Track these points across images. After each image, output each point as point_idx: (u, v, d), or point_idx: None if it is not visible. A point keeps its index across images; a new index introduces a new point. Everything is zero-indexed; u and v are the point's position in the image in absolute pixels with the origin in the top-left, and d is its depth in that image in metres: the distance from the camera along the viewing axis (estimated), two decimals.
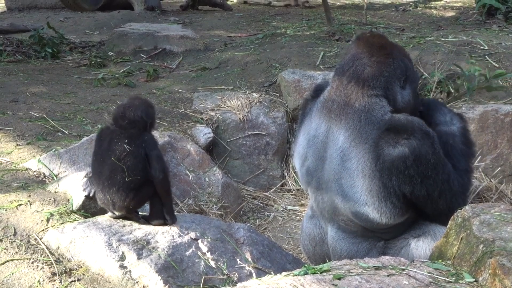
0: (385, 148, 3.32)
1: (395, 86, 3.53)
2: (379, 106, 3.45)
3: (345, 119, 3.47)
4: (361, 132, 3.41)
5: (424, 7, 10.96)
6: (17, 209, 3.42)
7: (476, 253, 2.57)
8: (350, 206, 3.48)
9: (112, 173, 3.19)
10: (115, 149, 3.19)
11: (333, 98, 3.56)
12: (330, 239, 3.74)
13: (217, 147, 5.61)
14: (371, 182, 3.38)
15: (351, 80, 3.50)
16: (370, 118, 3.42)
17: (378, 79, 3.47)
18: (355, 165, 3.42)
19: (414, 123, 3.38)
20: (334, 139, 3.52)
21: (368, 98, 3.45)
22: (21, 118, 4.93)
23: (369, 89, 3.46)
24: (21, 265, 2.99)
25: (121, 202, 3.21)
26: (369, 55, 3.52)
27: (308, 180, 3.74)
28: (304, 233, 4.00)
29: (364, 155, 3.39)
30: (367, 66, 3.49)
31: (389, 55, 3.54)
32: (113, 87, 6.31)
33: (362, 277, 2.46)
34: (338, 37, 7.35)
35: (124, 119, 3.27)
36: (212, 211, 4.72)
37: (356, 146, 3.42)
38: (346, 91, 3.50)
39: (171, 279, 2.99)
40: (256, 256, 3.32)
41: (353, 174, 3.43)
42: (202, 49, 7.70)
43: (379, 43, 3.60)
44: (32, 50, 7.74)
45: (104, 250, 3.03)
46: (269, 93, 6.05)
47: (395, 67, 3.52)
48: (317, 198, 3.72)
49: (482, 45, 6.34)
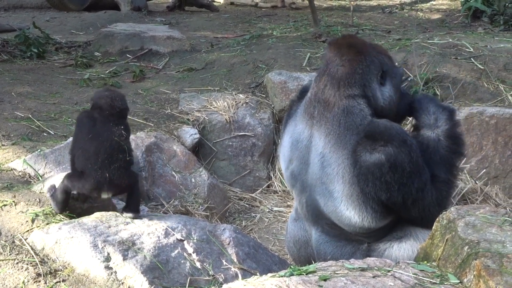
0: (362, 154, 3.33)
1: (372, 83, 3.53)
2: (358, 110, 3.45)
3: (325, 124, 3.48)
4: (340, 137, 3.42)
5: (410, 9, 11.00)
6: (2, 209, 3.40)
7: (461, 254, 2.58)
8: (332, 210, 3.49)
9: (113, 152, 3.37)
10: (114, 132, 3.41)
11: (314, 104, 3.57)
12: (314, 242, 3.75)
13: (203, 148, 5.60)
14: (351, 188, 3.39)
15: (327, 83, 3.52)
16: (349, 123, 3.42)
17: (353, 76, 3.48)
18: (335, 170, 3.43)
19: (392, 130, 3.37)
20: (316, 144, 3.54)
21: (346, 100, 3.45)
22: (6, 118, 4.91)
23: (345, 89, 3.47)
24: (6, 266, 2.98)
25: (120, 179, 3.35)
26: (340, 55, 3.53)
27: (292, 183, 3.76)
28: (289, 235, 4.00)
29: (343, 160, 3.40)
30: (340, 66, 3.51)
31: (359, 52, 3.55)
32: (99, 87, 6.28)
33: (347, 278, 2.46)
34: (325, 39, 7.36)
35: (115, 108, 3.48)
36: (198, 212, 4.71)
37: (335, 152, 3.43)
38: (325, 96, 3.51)
39: (156, 280, 2.98)
40: (242, 257, 3.33)
41: (333, 179, 3.44)
42: (189, 50, 7.69)
43: (348, 43, 3.62)
44: (17, 50, 7.70)
45: (89, 251, 3.02)
46: (256, 94, 6.05)
47: (368, 63, 3.53)
48: (301, 201, 3.73)
49: (468, 48, 6.37)
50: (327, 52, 3.65)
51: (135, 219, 3.40)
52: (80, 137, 3.46)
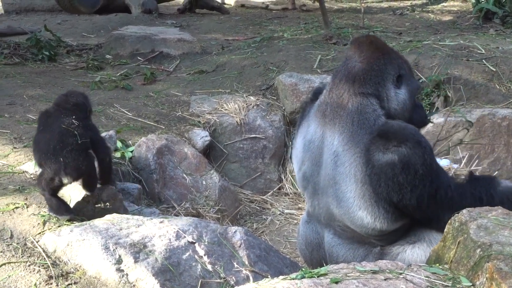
0: (375, 153, 3.28)
1: (388, 82, 3.50)
2: (371, 109, 3.42)
3: (339, 122, 3.44)
4: (354, 135, 3.38)
5: (421, 11, 10.98)
6: (14, 212, 3.41)
7: (473, 257, 2.57)
8: (345, 211, 3.46)
9: (63, 137, 3.42)
10: (63, 121, 3.49)
11: (327, 102, 3.54)
12: (326, 244, 3.73)
13: (214, 151, 5.61)
14: (363, 187, 3.35)
15: (342, 78, 3.50)
16: (363, 122, 3.39)
17: (369, 73, 3.45)
18: (348, 169, 3.39)
19: (407, 130, 3.34)
20: (329, 143, 3.50)
21: (360, 98, 3.42)
22: (18, 121, 4.92)
23: (359, 85, 3.44)
24: (18, 268, 2.99)
25: (75, 162, 3.38)
26: (359, 53, 3.52)
27: (304, 185, 3.73)
28: (301, 237, 3.98)
29: (356, 159, 3.36)
30: (358, 63, 3.49)
31: (379, 50, 3.53)
32: (110, 90, 6.30)
33: (359, 281, 2.46)
34: (335, 41, 7.36)
35: (68, 103, 3.66)
36: (209, 215, 4.71)
37: (348, 150, 3.39)
38: (338, 91, 3.48)
39: (168, 282, 2.98)
40: (253, 259, 3.32)
41: (346, 179, 3.40)
42: (200, 52, 7.70)
43: (369, 41, 3.60)
44: (29, 52, 7.73)
45: (100, 253, 3.02)
46: (266, 96, 6.05)
47: (386, 62, 3.51)
48: (313, 203, 3.71)
49: (479, 49, 6.35)
50: (348, 50, 3.64)
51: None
52: (36, 133, 3.61)
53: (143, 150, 4.76)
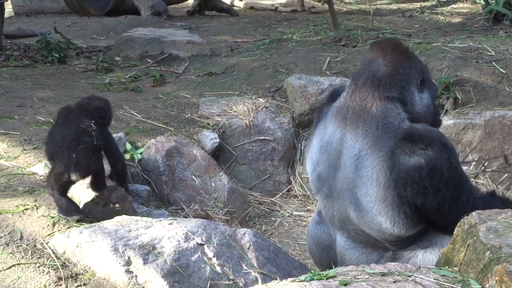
0: (401, 157, 3.24)
1: (412, 86, 3.48)
2: (396, 113, 3.38)
3: (362, 125, 3.40)
4: (378, 139, 3.34)
5: (430, 13, 10.96)
6: (24, 213, 3.42)
7: (482, 260, 2.56)
8: (363, 215, 3.42)
9: (79, 135, 3.49)
10: (83, 122, 3.55)
11: (348, 104, 3.50)
12: (339, 247, 3.71)
13: (223, 152, 5.61)
14: (386, 191, 3.31)
15: (366, 81, 3.45)
16: (387, 125, 3.35)
17: (394, 77, 3.42)
18: (370, 173, 3.35)
19: (433, 133, 3.30)
20: (349, 146, 3.45)
21: (384, 102, 3.39)
22: (28, 123, 4.94)
23: (385, 89, 3.40)
24: (27, 270, 3.00)
25: (86, 161, 3.44)
26: (383, 55, 3.48)
27: (318, 186, 3.69)
28: (311, 238, 3.96)
29: (379, 163, 3.32)
30: (382, 66, 3.45)
31: (404, 53, 3.51)
32: (119, 92, 6.32)
33: (368, 283, 2.45)
34: (345, 43, 7.35)
35: (91, 105, 3.71)
36: (218, 216, 4.72)
37: (372, 154, 3.35)
38: (362, 94, 3.44)
39: (177, 284, 2.98)
40: (262, 261, 3.32)
41: (367, 182, 3.36)
42: (209, 54, 7.71)
43: (393, 44, 3.57)
44: (39, 55, 7.76)
45: (110, 255, 3.03)
46: (276, 98, 6.05)
47: (411, 65, 3.49)
48: (327, 206, 3.68)
49: (489, 51, 6.34)
50: (369, 52, 3.59)
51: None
52: (52, 126, 3.72)
53: (152, 152, 4.77)
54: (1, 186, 3.81)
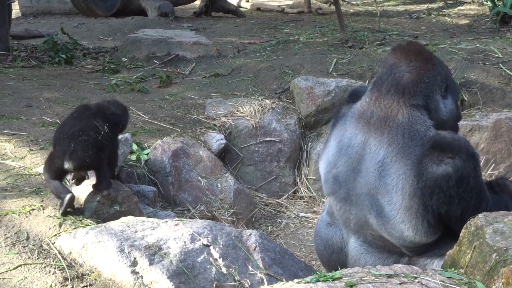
0: (428, 165, 3.22)
1: (436, 94, 3.44)
2: (421, 120, 3.35)
3: (388, 133, 3.36)
4: (404, 147, 3.32)
5: (437, 14, 10.95)
6: (30, 213, 3.43)
7: (489, 262, 2.56)
8: (384, 222, 3.40)
9: (86, 128, 3.56)
10: (97, 120, 3.64)
11: (372, 110, 3.45)
12: (353, 250, 3.68)
13: (230, 154, 5.61)
14: (411, 200, 3.28)
15: (390, 88, 3.41)
16: (414, 133, 3.32)
17: (419, 85, 3.38)
18: (395, 181, 3.33)
19: (460, 142, 3.28)
20: (372, 152, 3.42)
21: (410, 109, 3.35)
22: (35, 123, 4.95)
23: (410, 97, 3.36)
24: (34, 270, 3.00)
25: (82, 152, 3.46)
26: (407, 61, 3.43)
27: (334, 188, 3.64)
28: (320, 239, 3.92)
29: (405, 171, 3.29)
30: (406, 72, 3.40)
31: (428, 60, 3.46)
32: (126, 92, 6.33)
33: (374, 284, 2.45)
34: (351, 44, 7.35)
35: (109, 109, 3.80)
36: (224, 218, 4.72)
37: (397, 162, 3.32)
38: (386, 102, 3.40)
39: (182, 285, 2.99)
40: (268, 262, 3.32)
41: (391, 190, 3.34)
42: (215, 55, 7.71)
43: (417, 49, 3.52)
44: (46, 55, 7.78)
45: (116, 256, 3.03)
46: (282, 99, 6.05)
47: (435, 73, 3.44)
48: (343, 208, 3.64)
49: (496, 53, 6.33)
50: (391, 57, 3.54)
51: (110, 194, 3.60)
52: (66, 117, 3.79)
53: (159, 153, 4.77)
54: (7, 186, 3.82)
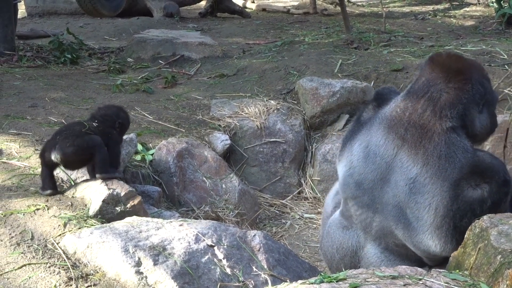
0: (465, 189, 3.22)
1: (473, 112, 3.40)
2: (459, 141, 3.33)
3: (423, 153, 3.34)
4: (440, 169, 3.29)
5: (443, 15, 10.93)
6: (35, 213, 3.43)
7: (493, 263, 2.56)
8: (411, 235, 3.40)
9: (72, 125, 3.88)
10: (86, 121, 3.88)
11: (405, 126, 3.41)
12: (373, 257, 3.66)
13: (234, 154, 5.61)
14: (443, 220, 3.28)
15: (426, 108, 3.36)
16: (451, 156, 3.29)
17: (456, 107, 3.33)
18: (428, 201, 3.31)
19: (498, 167, 3.28)
20: (404, 167, 3.40)
21: (447, 132, 3.32)
22: (40, 123, 4.96)
23: (446, 120, 3.32)
24: (38, 270, 3.01)
25: (64, 142, 3.66)
26: (445, 80, 3.36)
27: (356, 194, 3.62)
28: (332, 241, 3.88)
29: (441, 193, 3.28)
30: (444, 92, 3.34)
31: (468, 80, 3.37)
32: (131, 93, 6.33)
33: (378, 286, 2.45)
34: (357, 45, 7.35)
35: (99, 112, 4.01)
36: (228, 218, 4.72)
37: (433, 183, 3.30)
38: (422, 122, 3.36)
39: (187, 285, 2.99)
40: (272, 263, 3.32)
41: (423, 209, 3.33)
42: (221, 56, 7.72)
43: (457, 67, 3.42)
44: (51, 55, 7.79)
45: (120, 256, 3.03)
46: (287, 100, 6.05)
47: (474, 92, 3.37)
48: (364, 214, 3.62)
49: (502, 54, 6.32)
50: (428, 69, 3.46)
51: (106, 179, 3.71)
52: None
53: (164, 153, 4.77)
54: (12, 186, 3.83)
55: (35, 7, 13.41)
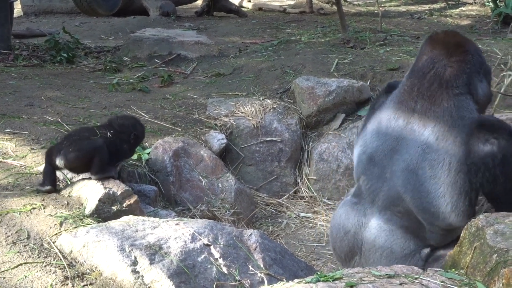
0: (475, 144, 3.40)
1: (476, 81, 3.61)
2: (467, 104, 3.53)
3: (433, 116, 3.54)
4: (451, 128, 3.48)
5: (439, 15, 10.94)
6: (31, 212, 3.43)
7: (489, 262, 2.56)
8: (421, 196, 3.52)
9: (83, 131, 3.92)
10: (100, 128, 3.94)
11: (415, 99, 3.61)
12: (375, 229, 3.72)
13: (231, 153, 5.61)
14: (457, 176, 3.44)
15: (433, 82, 3.58)
16: (460, 115, 3.49)
17: (461, 77, 3.55)
18: (441, 157, 3.48)
19: (504, 124, 3.49)
20: (416, 132, 3.58)
21: (454, 97, 3.53)
22: (36, 122, 4.95)
23: (453, 88, 3.54)
24: (34, 269, 3.00)
25: (67, 148, 3.72)
26: (447, 55, 3.59)
27: (367, 167, 3.77)
28: (339, 218, 3.95)
29: (453, 148, 3.46)
30: (448, 67, 3.56)
31: (468, 52, 3.62)
32: (127, 92, 6.33)
33: (374, 285, 2.45)
34: (353, 45, 7.35)
35: (117, 122, 4.07)
36: (224, 217, 4.72)
37: (444, 140, 3.48)
38: (430, 93, 3.57)
39: (183, 284, 2.99)
40: (268, 262, 3.32)
41: (436, 166, 3.48)
42: (217, 55, 7.71)
43: (455, 41, 3.67)
44: (47, 54, 7.79)
45: (116, 255, 3.03)
46: (283, 99, 6.05)
47: (474, 62, 3.61)
48: (374, 186, 3.73)
49: (498, 54, 6.32)
50: (429, 48, 3.68)
51: (102, 179, 3.72)
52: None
53: (160, 152, 4.77)
54: (8, 185, 3.83)
55: (31, 6, 13.40)
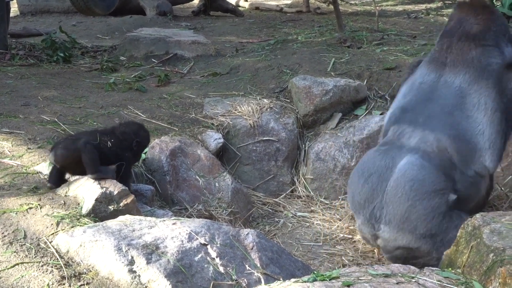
0: (508, 83, 3.64)
1: (502, 41, 3.81)
2: (494, 52, 3.74)
3: (462, 64, 3.73)
4: (482, 71, 3.67)
5: (436, 14, 10.95)
6: (28, 212, 3.43)
7: (486, 261, 2.56)
8: (459, 133, 3.69)
9: (83, 133, 4.00)
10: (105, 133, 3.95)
11: (445, 56, 3.84)
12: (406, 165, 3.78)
13: (227, 153, 5.61)
14: (493, 114, 3.63)
15: (461, 37, 3.79)
16: (488, 60, 3.70)
17: (488, 33, 3.76)
18: (476, 99, 3.67)
19: None
20: (448, 82, 3.78)
21: (481, 47, 3.74)
22: (33, 122, 4.94)
23: (480, 41, 3.75)
24: (31, 269, 3.00)
25: (57, 146, 3.80)
26: (475, 15, 3.82)
27: (400, 116, 3.96)
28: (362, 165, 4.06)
29: (487, 89, 3.65)
30: (475, 24, 3.79)
31: (494, 12, 3.86)
32: (124, 91, 6.32)
33: (371, 284, 2.45)
34: (350, 44, 7.35)
35: (120, 128, 4.09)
36: (221, 217, 4.72)
37: (477, 83, 3.68)
38: (459, 46, 3.78)
39: (180, 284, 2.98)
40: (265, 262, 3.32)
41: (472, 107, 3.68)
42: (213, 54, 7.71)
43: (482, 4, 3.91)
44: (44, 54, 7.78)
45: (113, 254, 3.03)
46: (280, 99, 6.05)
47: (500, 23, 3.83)
48: (406, 131, 3.90)
49: None
50: (458, 12, 3.93)
51: (98, 179, 3.72)
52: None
53: (157, 152, 4.77)
54: (5, 185, 3.82)
55: (28, 5, 13.38)
